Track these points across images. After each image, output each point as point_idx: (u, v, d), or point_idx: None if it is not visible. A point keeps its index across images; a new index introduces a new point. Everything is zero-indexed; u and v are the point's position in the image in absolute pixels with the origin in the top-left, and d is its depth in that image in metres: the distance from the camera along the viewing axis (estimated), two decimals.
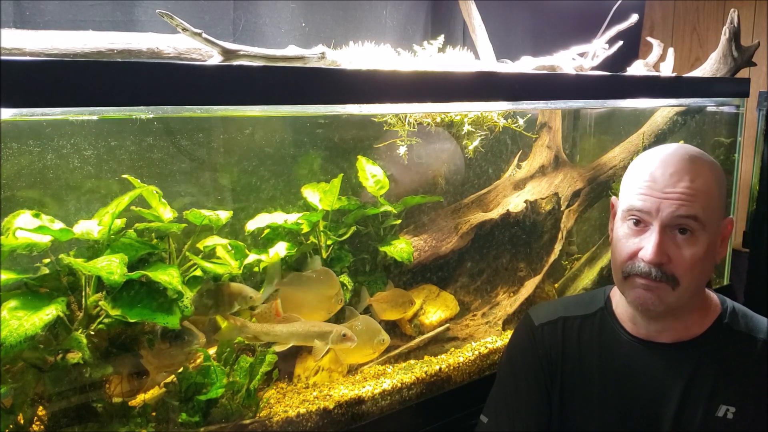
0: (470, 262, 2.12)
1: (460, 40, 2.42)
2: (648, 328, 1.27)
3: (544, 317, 1.38)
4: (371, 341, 1.63)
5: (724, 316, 1.27)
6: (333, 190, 1.71)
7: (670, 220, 1.16)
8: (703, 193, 1.16)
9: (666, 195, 1.16)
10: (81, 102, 1.04)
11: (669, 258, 1.16)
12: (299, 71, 1.28)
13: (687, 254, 1.16)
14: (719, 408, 1.19)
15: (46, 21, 1.60)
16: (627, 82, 1.95)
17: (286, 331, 1.47)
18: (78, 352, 1.23)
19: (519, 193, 2.20)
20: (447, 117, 1.95)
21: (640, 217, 1.19)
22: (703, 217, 1.15)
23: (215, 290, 1.45)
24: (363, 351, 1.63)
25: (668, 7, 3.16)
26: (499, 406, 1.35)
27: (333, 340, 1.47)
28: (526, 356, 1.36)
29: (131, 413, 1.32)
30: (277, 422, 1.45)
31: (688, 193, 1.15)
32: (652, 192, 1.17)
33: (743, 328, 1.25)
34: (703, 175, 1.17)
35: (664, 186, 1.17)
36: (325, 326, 1.50)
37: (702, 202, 1.16)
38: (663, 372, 1.24)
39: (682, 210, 1.15)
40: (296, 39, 2.04)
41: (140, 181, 1.41)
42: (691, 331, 1.25)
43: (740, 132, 2.40)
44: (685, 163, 1.18)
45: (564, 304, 1.41)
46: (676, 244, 1.16)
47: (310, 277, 1.62)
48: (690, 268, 1.16)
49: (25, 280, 1.25)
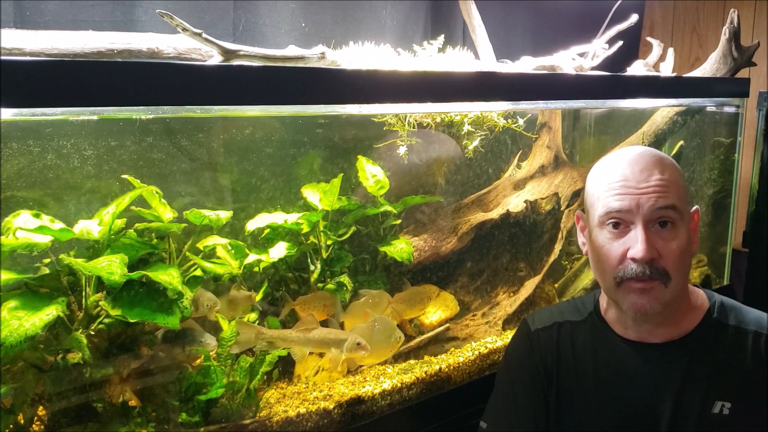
0: (470, 262, 2.12)
1: (460, 40, 2.42)
2: (639, 330, 1.27)
3: (540, 323, 1.38)
4: (388, 340, 1.65)
5: (712, 311, 1.27)
6: (333, 190, 1.70)
7: (651, 214, 1.16)
8: (675, 183, 1.19)
9: (642, 190, 1.17)
10: (81, 102, 1.04)
11: (658, 253, 1.17)
12: (299, 71, 1.28)
13: (673, 246, 1.17)
14: (715, 404, 1.19)
15: (46, 21, 1.60)
16: (627, 82, 1.95)
17: (303, 338, 1.49)
18: (78, 352, 1.23)
19: (519, 193, 2.20)
20: (447, 117, 1.95)
21: (620, 218, 1.19)
22: (679, 206, 1.18)
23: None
24: (379, 351, 1.65)
25: (668, 7, 3.16)
26: (497, 411, 1.36)
27: (348, 349, 1.50)
28: (522, 362, 1.36)
29: (131, 413, 1.32)
30: (277, 422, 1.45)
31: (662, 185, 1.17)
32: (627, 190, 1.18)
33: (733, 321, 1.25)
34: (669, 168, 1.20)
35: (637, 182, 1.18)
36: (341, 334, 1.52)
37: (675, 191, 1.18)
38: (656, 372, 1.24)
39: (661, 201, 1.16)
40: (296, 39, 2.04)
41: (140, 181, 1.41)
42: (681, 329, 1.25)
43: (740, 132, 2.40)
44: (650, 158, 1.21)
45: (559, 310, 1.41)
46: (661, 237, 1.18)
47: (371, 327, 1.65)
48: (679, 260, 1.18)
49: (25, 280, 1.25)
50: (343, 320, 1.71)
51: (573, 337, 1.34)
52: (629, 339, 1.28)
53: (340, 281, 1.73)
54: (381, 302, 1.79)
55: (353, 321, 1.71)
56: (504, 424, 1.32)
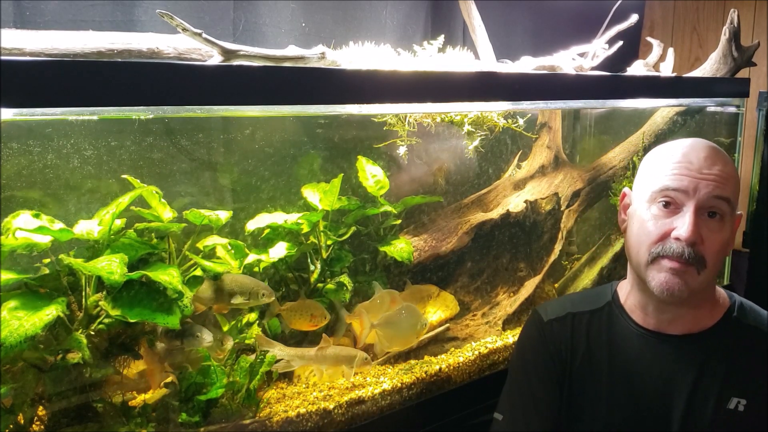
0: (470, 262, 2.12)
1: (460, 40, 2.42)
2: (659, 318, 1.27)
3: (552, 313, 1.38)
4: (414, 328, 1.71)
5: (732, 309, 1.28)
6: (333, 190, 1.70)
7: (706, 200, 1.18)
8: (733, 179, 1.21)
9: (703, 175, 1.19)
10: (81, 102, 1.04)
11: (702, 239, 1.18)
12: (299, 71, 1.28)
13: (717, 237, 1.19)
14: (730, 400, 1.20)
15: (46, 21, 1.60)
16: (627, 82, 1.95)
17: (318, 356, 1.57)
18: (78, 352, 1.23)
19: (519, 193, 2.20)
20: (447, 117, 1.95)
21: (674, 197, 1.20)
22: (733, 201, 1.19)
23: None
24: (406, 338, 1.72)
25: (668, 7, 3.16)
26: (513, 403, 1.36)
27: (357, 364, 1.59)
28: (536, 352, 1.36)
29: (131, 413, 1.32)
30: (277, 422, 1.45)
31: (722, 176, 1.19)
32: (689, 172, 1.19)
33: (752, 322, 1.27)
34: (730, 164, 1.23)
35: (700, 167, 1.19)
36: (352, 351, 1.61)
37: (732, 186, 1.20)
38: (673, 364, 1.24)
39: (718, 191, 1.17)
40: (296, 39, 2.04)
41: (140, 181, 1.41)
42: (700, 324, 1.26)
43: (740, 132, 2.40)
44: (715, 150, 1.23)
45: (572, 300, 1.42)
46: (707, 226, 1.19)
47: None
48: (718, 252, 1.19)
49: (25, 280, 1.25)
50: (349, 321, 1.71)
51: (588, 326, 1.34)
52: (648, 328, 1.28)
53: (340, 281, 1.73)
54: (384, 302, 1.79)
55: (374, 312, 1.73)
56: (520, 415, 1.33)
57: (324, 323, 1.66)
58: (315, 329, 1.67)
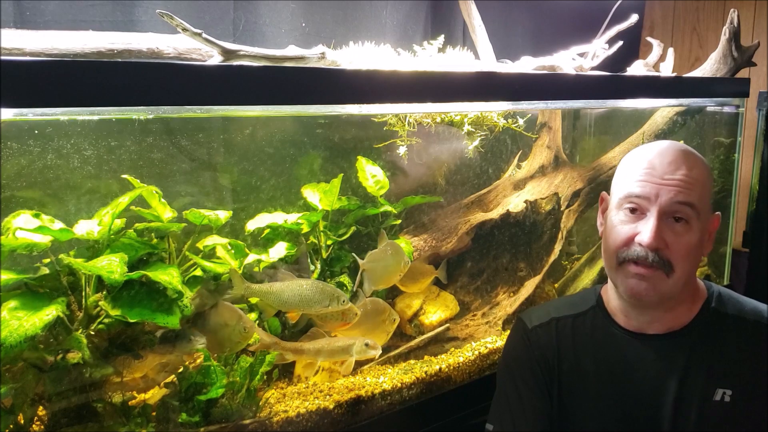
0: (470, 262, 2.12)
1: (460, 40, 2.42)
2: (639, 320, 1.28)
3: (536, 320, 1.39)
4: (398, 265, 1.72)
5: (710, 300, 1.28)
6: (333, 190, 1.71)
7: (668, 206, 1.18)
8: (699, 183, 1.20)
9: (665, 181, 1.19)
10: (81, 102, 1.04)
11: (666, 243, 1.18)
12: (299, 71, 1.28)
13: (683, 241, 1.18)
14: (716, 392, 1.21)
15: (46, 21, 1.60)
16: (627, 82, 1.95)
17: (314, 349, 1.56)
18: (78, 352, 1.23)
19: (519, 193, 2.20)
20: (447, 117, 1.95)
21: (638, 203, 1.21)
22: (698, 205, 1.19)
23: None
24: (391, 275, 1.72)
25: (668, 7, 3.16)
26: (503, 412, 1.36)
27: (357, 352, 1.56)
28: (522, 360, 1.36)
29: (131, 413, 1.32)
30: (277, 422, 1.45)
31: (686, 181, 1.18)
32: (651, 178, 1.20)
33: (731, 310, 1.27)
34: (698, 167, 1.21)
35: (662, 173, 1.19)
36: (348, 340, 1.59)
37: (698, 191, 1.19)
38: (657, 362, 1.25)
39: (680, 196, 1.17)
40: (296, 39, 2.04)
41: (140, 181, 1.41)
42: (681, 320, 1.26)
43: (740, 132, 2.40)
44: (681, 154, 1.22)
45: (555, 306, 1.42)
46: (672, 231, 1.19)
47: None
48: (685, 255, 1.19)
49: (25, 280, 1.25)
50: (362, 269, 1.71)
51: (573, 330, 1.35)
52: (630, 330, 1.29)
53: (340, 281, 1.73)
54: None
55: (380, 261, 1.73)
56: (510, 424, 1.32)
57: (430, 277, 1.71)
58: (345, 328, 1.67)
